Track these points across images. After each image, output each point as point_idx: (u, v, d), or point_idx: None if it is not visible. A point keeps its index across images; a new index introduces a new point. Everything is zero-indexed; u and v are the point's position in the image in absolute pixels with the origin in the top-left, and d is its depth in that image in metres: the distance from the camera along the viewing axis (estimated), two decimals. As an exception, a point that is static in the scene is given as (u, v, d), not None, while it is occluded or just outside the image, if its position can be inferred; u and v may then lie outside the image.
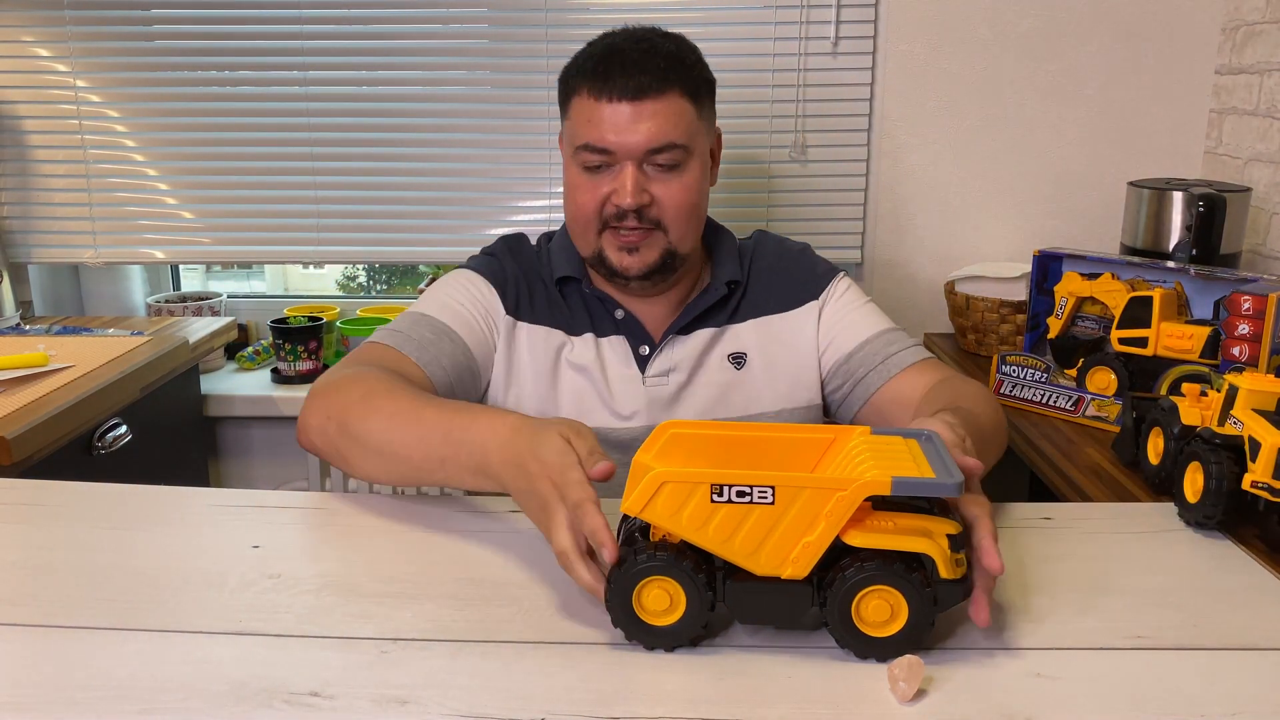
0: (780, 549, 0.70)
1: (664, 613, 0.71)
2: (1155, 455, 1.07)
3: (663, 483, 0.69)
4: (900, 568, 0.68)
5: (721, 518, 0.69)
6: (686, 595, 0.70)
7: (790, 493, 0.69)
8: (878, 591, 0.69)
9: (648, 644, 0.72)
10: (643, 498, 0.70)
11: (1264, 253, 1.71)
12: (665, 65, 1.10)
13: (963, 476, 0.70)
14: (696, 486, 0.69)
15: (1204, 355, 1.38)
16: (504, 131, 2.00)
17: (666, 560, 0.70)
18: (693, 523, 0.70)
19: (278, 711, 0.64)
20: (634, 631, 0.71)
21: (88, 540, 0.88)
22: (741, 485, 0.69)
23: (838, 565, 0.70)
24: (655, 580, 0.70)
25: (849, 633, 0.70)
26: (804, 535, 0.69)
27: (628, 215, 1.11)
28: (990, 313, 1.80)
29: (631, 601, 0.70)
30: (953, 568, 0.69)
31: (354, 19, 1.96)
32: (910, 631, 0.69)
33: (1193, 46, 1.88)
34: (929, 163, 1.95)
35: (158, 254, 2.07)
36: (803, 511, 0.69)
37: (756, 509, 0.69)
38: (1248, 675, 0.69)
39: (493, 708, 0.64)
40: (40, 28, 1.97)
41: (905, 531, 0.69)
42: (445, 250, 2.07)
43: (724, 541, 0.70)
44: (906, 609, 0.69)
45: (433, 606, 0.77)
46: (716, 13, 1.93)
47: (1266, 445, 0.88)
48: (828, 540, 0.69)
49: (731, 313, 1.22)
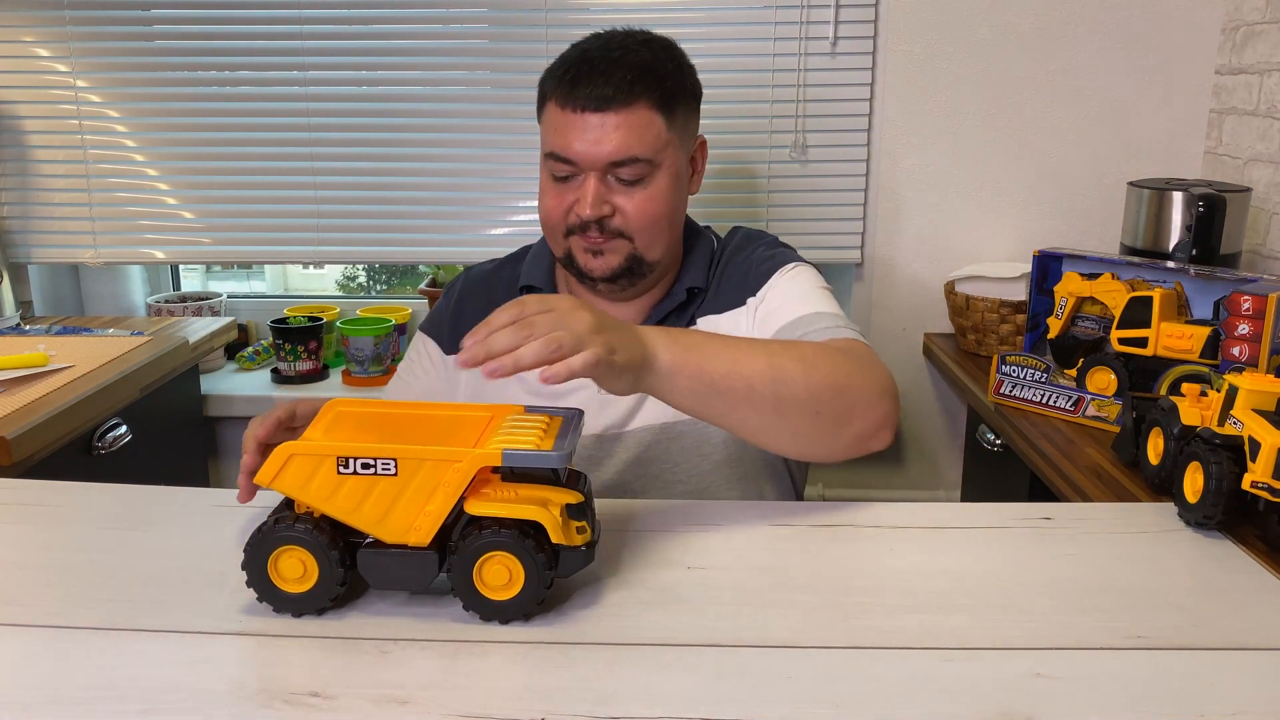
0: (405, 517, 0.74)
1: (298, 580, 0.75)
2: (1155, 455, 1.07)
3: (290, 455, 0.74)
4: (516, 535, 0.73)
5: (349, 488, 0.74)
6: (319, 564, 0.74)
7: (412, 464, 0.74)
8: (496, 557, 0.73)
9: (278, 609, 0.75)
10: (272, 469, 0.74)
11: (1264, 253, 1.71)
12: (633, 77, 1.09)
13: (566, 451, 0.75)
14: (323, 459, 0.74)
15: (1204, 355, 1.38)
16: (504, 132, 2.00)
17: (301, 531, 0.74)
18: (320, 493, 0.74)
19: (278, 711, 0.64)
20: (269, 597, 0.75)
21: (88, 540, 0.88)
22: (365, 457, 0.74)
23: (460, 532, 0.74)
24: (289, 549, 0.74)
25: (472, 596, 0.74)
26: (426, 504, 0.74)
27: (590, 225, 1.11)
28: (990, 313, 1.80)
29: (268, 568, 0.74)
30: (569, 534, 0.74)
31: (354, 19, 1.96)
32: (527, 594, 0.74)
33: (1193, 46, 1.88)
34: (929, 163, 1.95)
35: (158, 254, 2.07)
36: (424, 482, 0.74)
37: (381, 480, 0.74)
38: (1248, 675, 0.69)
39: (493, 708, 0.64)
40: (40, 28, 1.97)
41: (524, 500, 0.74)
42: (445, 250, 2.07)
43: (351, 511, 0.74)
44: (524, 573, 0.73)
45: (433, 606, 0.77)
46: (716, 13, 1.93)
47: (1266, 445, 0.88)
48: (447, 508, 0.74)
49: (691, 315, 1.20)
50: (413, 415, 0.84)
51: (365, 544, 0.76)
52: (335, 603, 0.76)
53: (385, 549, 0.75)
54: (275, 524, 0.75)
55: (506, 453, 0.74)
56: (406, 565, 0.75)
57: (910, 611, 0.77)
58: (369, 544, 0.76)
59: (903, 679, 0.68)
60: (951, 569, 0.84)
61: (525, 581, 0.73)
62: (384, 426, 0.81)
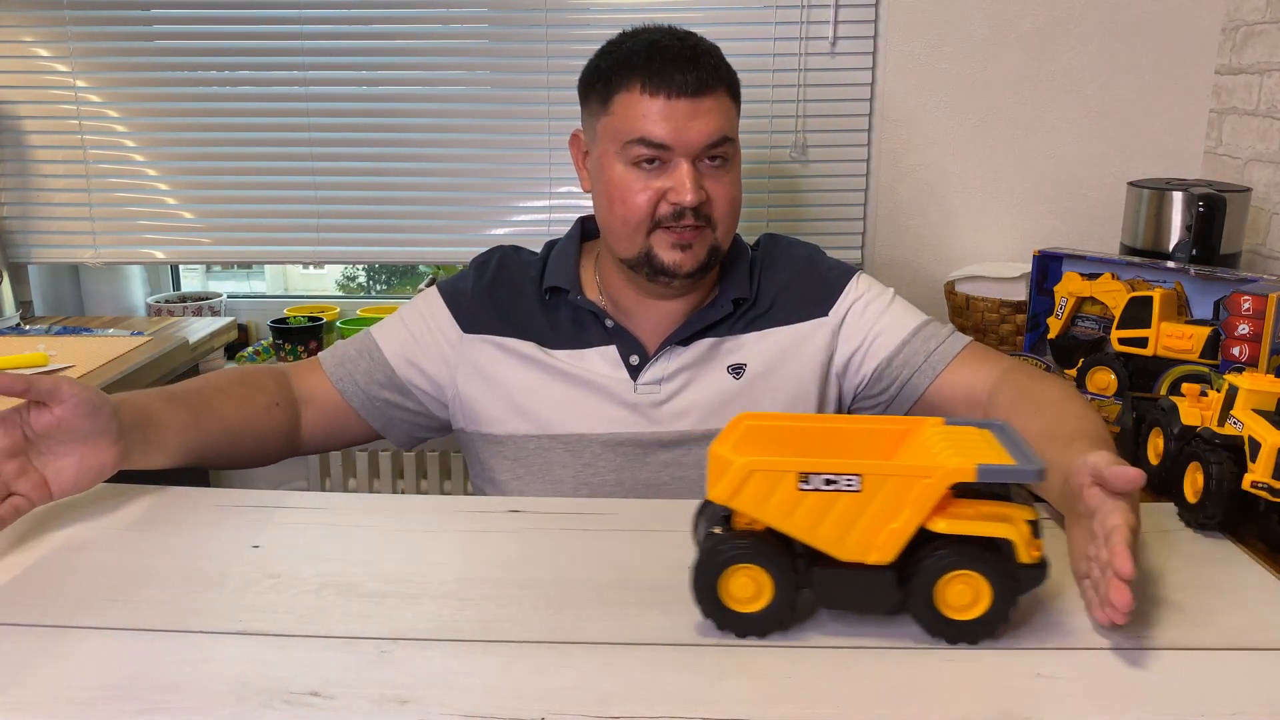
0: (867, 535, 0.71)
1: (750, 600, 0.71)
2: (1155, 455, 1.07)
3: (751, 471, 0.70)
4: (984, 553, 0.70)
5: (809, 505, 0.70)
6: (774, 582, 0.71)
7: (877, 480, 0.70)
8: (961, 576, 0.70)
9: (737, 631, 0.72)
10: (731, 486, 0.70)
11: (1264, 253, 1.71)
12: (714, 63, 1.12)
13: (1043, 463, 0.71)
14: (784, 475, 0.70)
15: (1204, 355, 1.38)
16: (504, 132, 2.00)
17: (753, 547, 0.70)
18: (780, 510, 0.70)
19: (278, 711, 0.64)
20: (722, 619, 0.72)
21: (88, 540, 0.88)
22: (829, 473, 0.70)
23: (922, 551, 0.71)
24: (742, 568, 0.71)
25: (933, 616, 0.71)
26: (890, 522, 0.70)
27: (686, 213, 1.11)
28: (990, 313, 1.80)
29: (718, 589, 0.71)
30: (1032, 552, 0.71)
31: (354, 19, 1.96)
32: (992, 614, 0.70)
33: (1193, 46, 1.88)
34: (929, 163, 1.95)
35: (158, 254, 2.07)
36: (889, 498, 0.70)
37: (843, 496, 0.70)
38: (1248, 675, 0.69)
39: (493, 708, 0.64)
40: (40, 28, 1.97)
41: (986, 518, 0.70)
42: (445, 250, 2.07)
43: (811, 528, 0.71)
44: (990, 592, 0.70)
45: (433, 606, 0.77)
46: (716, 13, 1.93)
47: (1266, 445, 0.88)
48: (914, 526, 0.70)
49: (735, 323, 1.20)
50: (825, 429, 0.81)
51: (820, 562, 0.72)
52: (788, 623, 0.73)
53: (843, 568, 0.71)
54: (723, 542, 0.71)
55: (982, 467, 0.69)
56: (866, 585, 0.72)
57: (910, 611, 0.77)
58: (819, 561, 0.72)
59: (903, 679, 0.68)
60: (952, 569, 0.84)
61: (992, 601, 0.70)
62: (798, 440, 0.79)
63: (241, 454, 1.10)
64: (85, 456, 0.89)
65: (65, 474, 0.88)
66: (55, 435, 0.87)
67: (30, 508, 0.86)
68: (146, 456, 0.95)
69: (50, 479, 0.88)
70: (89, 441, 0.89)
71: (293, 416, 1.16)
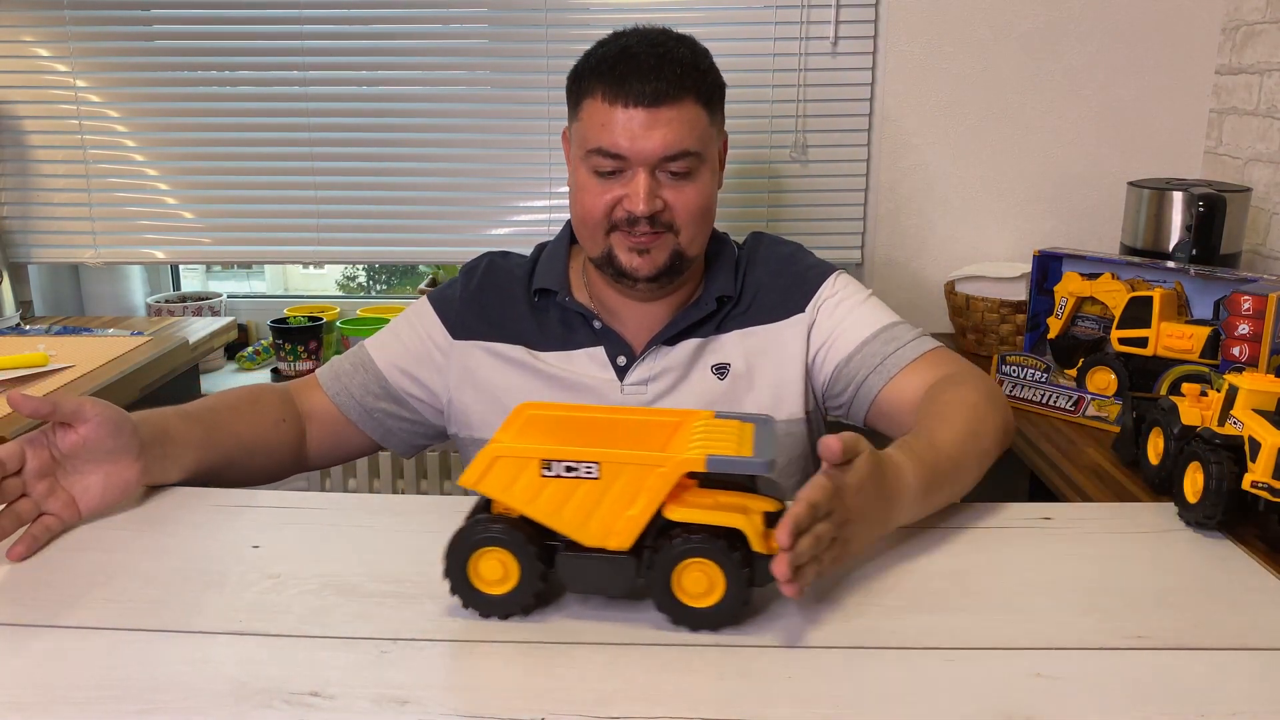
0: (606, 521, 0.74)
1: (498, 582, 0.74)
2: (1155, 455, 1.07)
3: (496, 457, 0.74)
4: (719, 543, 0.71)
5: (551, 491, 0.74)
6: (520, 565, 0.74)
7: (614, 468, 0.73)
8: (695, 564, 0.72)
9: (483, 612, 0.75)
10: (476, 471, 0.74)
11: (1264, 253, 1.71)
12: (681, 72, 1.09)
13: (772, 457, 0.73)
14: (528, 461, 0.73)
15: (1204, 355, 1.38)
16: (504, 132, 2.00)
17: (502, 532, 0.73)
18: (524, 495, 0.74)
19: (278, 711, 0.64)
20: (469, 599, 0.75)
21: (88, 540, 0.88)
22: (569, 461, 0.73)
23: (660, 538, 0.73)
24: (491, 551, 0.74)
25: (672, 604, 0.73)
26: (627, 509, 0.73)
27: (640, 221, 1.10)
28: (990, 313, 1.80)
29: (467, 570, 0.74)
30: (766, 543, 0.72)
31: (354, 19, 1.96)
32: (728, 602, 0.73)
33: (1193, 46, 1.88)
34: (929, 163, 1.95)
35: (158, 254, 2.07)
36: (626, 486, 0.73)
37: (583, 484, 0.73)
38: (1248, 675, 0.69)
39: (493, 708, 0.64)
40: (40, 28, 1.97)
41: (724, 508, 0.73)
42: (445, 250, 2.07)
43: (554, 514, 0.74)
44: (724, 581, 0.72)
45: (433, 606, 0.77)
46: (716, 13, 1.93)
47: (1266, 445, 0.88)
48: (649, 514, 0.73)
49: (719, 323, 1.20)
50: (602, 419, 0.84)
51: (563, 548, 0.75)
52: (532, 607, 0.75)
53: (585, 553, 0.74)
54: (474, 525, 0.74)
55: (711, 458, 0.72)
56: (606, 570, 0.74)
57: (910, 611, 0.77)
58: (567, 547, 0.75)
59: (903, 679, 0.68)
60: (951, 569, 0.84)
61: (726, 590, 0.72)
62: (575, 430, 0.81)
63: (253, 469, 1.11)
64: (110, 474, 0.91)
65: (92, 492, 0.90)
66: (81, 454, 0.89)
67: (60, 526, 0.88)
68: (164, 472, 0.97)
69: (78, 497, 0.90)
70: (113, 459, 0.91)
71: (299, 432, 1.17)
